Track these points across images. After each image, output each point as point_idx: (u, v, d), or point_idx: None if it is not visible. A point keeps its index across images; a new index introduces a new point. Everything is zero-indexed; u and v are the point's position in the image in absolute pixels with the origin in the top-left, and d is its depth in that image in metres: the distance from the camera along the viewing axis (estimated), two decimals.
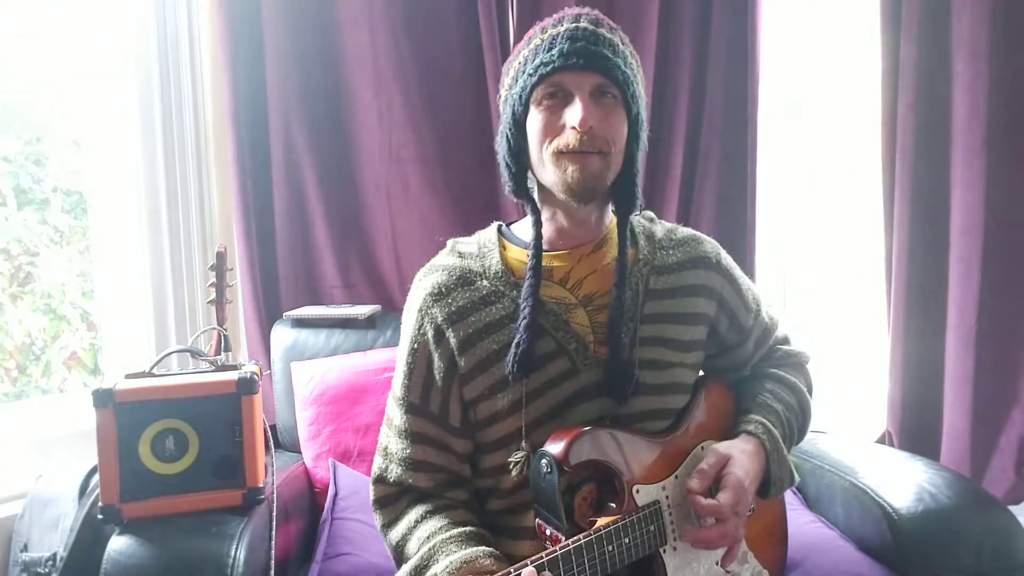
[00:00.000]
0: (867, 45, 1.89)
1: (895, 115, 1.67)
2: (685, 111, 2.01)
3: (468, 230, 1.94)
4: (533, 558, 0.87)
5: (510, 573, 0.85)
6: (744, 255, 2.03)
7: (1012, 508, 1.32)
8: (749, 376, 1.21)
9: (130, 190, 1.83)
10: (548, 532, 0.97)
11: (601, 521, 0.95)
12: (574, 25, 1.01)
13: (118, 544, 1.17)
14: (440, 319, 1.06)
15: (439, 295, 1.07)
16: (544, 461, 0.96)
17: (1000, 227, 1.53)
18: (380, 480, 1.11)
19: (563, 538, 0.93)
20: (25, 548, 1.44)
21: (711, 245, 1.17)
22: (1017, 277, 1.54)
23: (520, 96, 1.02)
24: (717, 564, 1.03)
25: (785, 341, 1.27)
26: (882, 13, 1.68)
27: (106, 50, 1.81)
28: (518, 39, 1.96)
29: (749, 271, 2.03)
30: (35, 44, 1.80)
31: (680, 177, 2.03)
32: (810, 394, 1.21)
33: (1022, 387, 1.55)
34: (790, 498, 1.53)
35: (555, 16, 1.04)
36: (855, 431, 1.93)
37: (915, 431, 1.70)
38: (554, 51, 0.99)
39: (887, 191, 1.72)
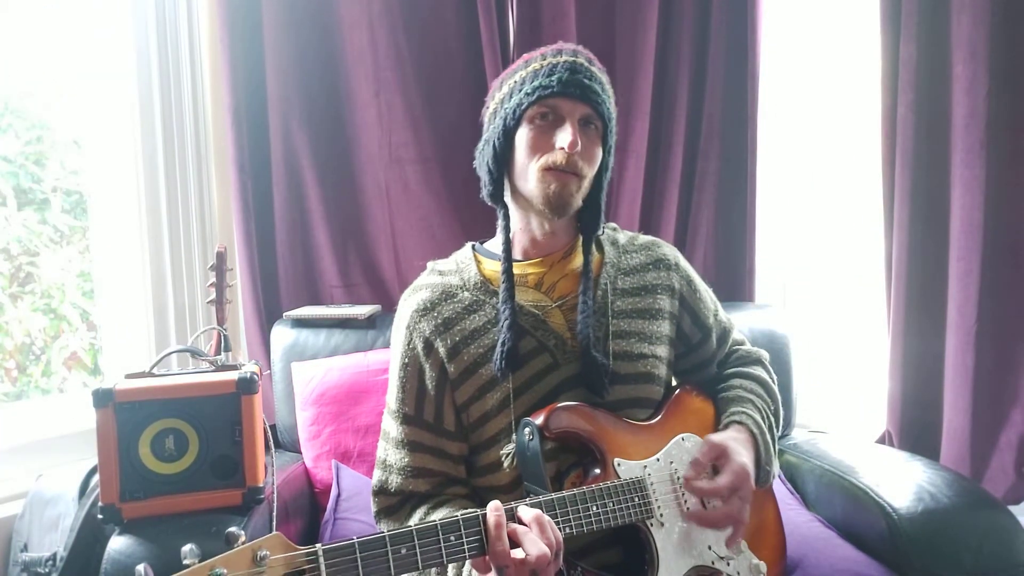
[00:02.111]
0: (867, 45, 1.89)
1: (895, 115, 1.67)
2: (685, 111, 2.01)
3: (467, 230, 1.96)
4: (516, 501, 0.93)
5: (512, 506, 0.92)
6: (744, 255, 2.03)
7: (1012, 508, 1.32)
8: (717, 376, 1.29)
9: (130, 190, 1.83)
10: (539, 498, 1.00)
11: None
12: (573, 59, 1.11)
13: (118, 544, 1.17)
14: (428, 332, 1.14)
15: (425, 310, 1.15)
16: (527, 429, 1.04)
17: (1000, 227, 1.53)
18: (381, 491, 1.16)
19: None
20: (25, 548, 1.44)
21: (670, 249, 1.28)
22: (1017, 277, 1.54)
23: (515, 110, 1.11)
24: (710, 548, 1.05)
25: (742, 342, 1.35)
26: (882, 13, 1.68)
27: (106, 50, 1.81)
28: (518, 39, 1.97)
29: (749, 271, 2.03)
30: (35, 44, 1.80)
31: (680, 177, 2.03)
32: (775, 382, 1.29)
33: (1022, 387, 1.55)
34: (790, 498, 1.53)
35: (553, 47, 1.15)
36: (855, 431, 1.93)
37: (915, 431, 1.70)
38: (554, 78, 1.09)
39: (887, 191, 1.72)
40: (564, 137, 1.07)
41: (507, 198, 1.18)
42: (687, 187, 2.06)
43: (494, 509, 0.89)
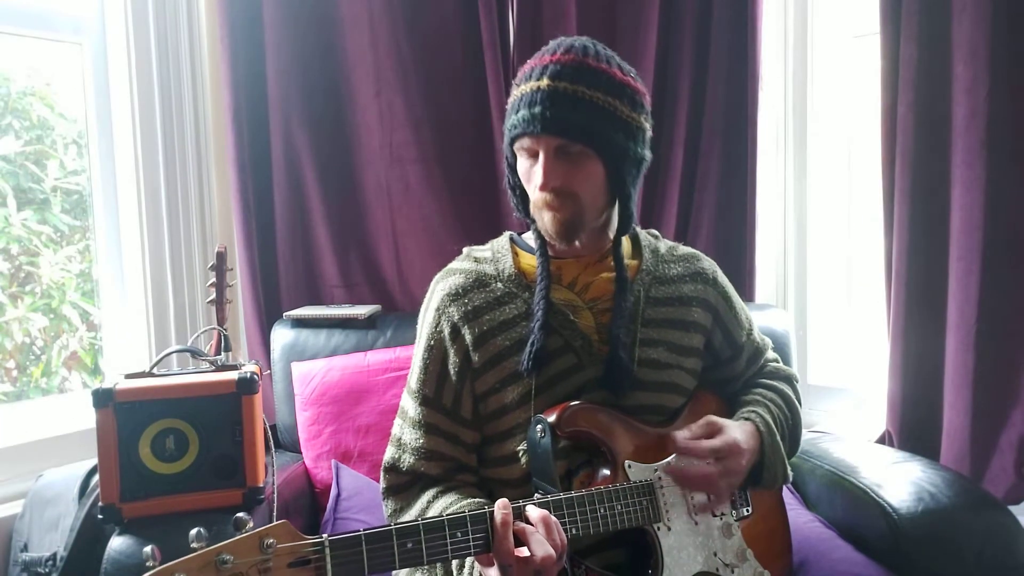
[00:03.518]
0: (867, 44, 1.89)
1: (895, 115, 1.67)
2: (685, 111, 2.01)
3: (468, 229, 1.96)
4: (524, 500, 0.93)
5: (519, 504, 0.92)
6: (744, 255, 2.03)
7: (1012, 508, 1.32)
8: (741, 387, 1.27)
9: (130, 190, 1.83)
10: (547, 497, 1.00)
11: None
12: (536, 84, 1.05)
13: (118, 544, 1.17)
14: (457, 317, 1.13)
15: (456, 295, 1.14)
16: (539, 427, 1.03)
17: (1001, 227, 1.53)
18: (392, 469, 1.15)
19: None
20: (25, 548, 1.44)
21: (709, 263, 1.26)
22: (1017, 277, 1.54)
23: (508, 145, 1.12)
24: (716, 555, 1.05)
25: (775, 361, 1.34)
26: (882, 13, 1.68)
27: (106, 50, 1.81)
28: (518, 39, 1.98)
29: (749, 271, 2.03)
30: (35, 44, 1.80)
31: (680, 177, 2.03)
32: (799, 404, 1.27)
33: (1022, 387, 1.55)
34: (790, 498, 1.53)
35: (531, 62, 1.09)
36: (855, 431, 1.93)
37: (915, 431, 1.70)
38: (519, 115, 1.06)
39: (887, 191, 1.71)
40: (537, 175, 1.06)
41: None
42: (687, 187, 2.05)
43: (502, 507, 0.89)
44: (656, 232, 1.29)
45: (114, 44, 1.81)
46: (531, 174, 1.09)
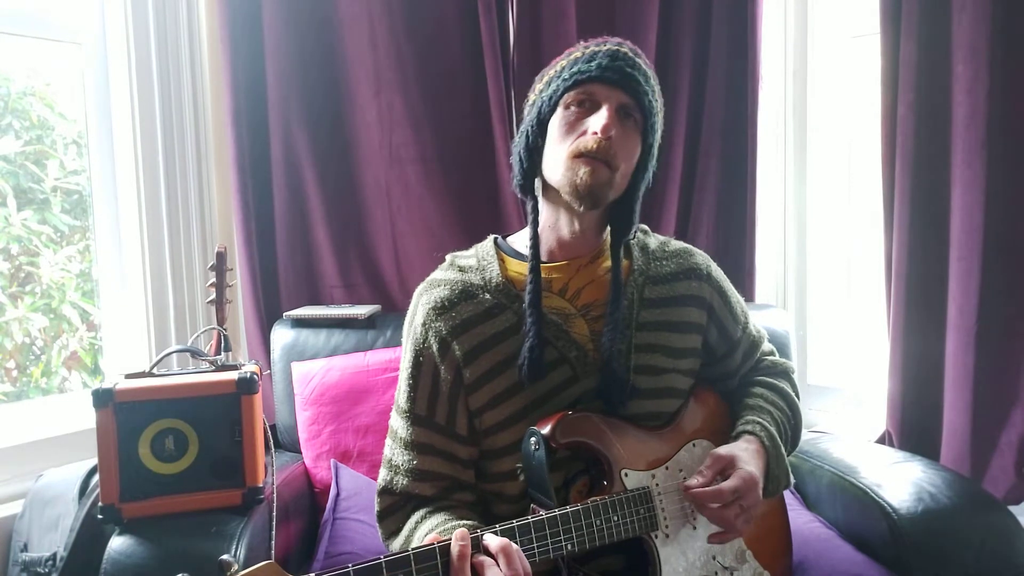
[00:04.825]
0: (867, 44, 1.89)
1: (895, 115, 1.67)
2: (685, 111, 2.01)
3: (468, 230, 1.96)
4: (518, 520, 0.91)
5: (478, 534, 0.88)
6: (744, 255, 2.03)
7: (1012, 508, 1.32)
8: (739, 385, 1.25)
9: (130, 190, 1.83)
10: (541, 514, 0.99)
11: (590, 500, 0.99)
12: (617, 48, 1.08)
13: (118, 544, 1.17)
14: (445, 332, 1.09)
15: (442, 309, 1.10)
16: (533, 439, 1.00)
17: (1001, 227, 1.53)
18: (386, 491, 1.12)
19: None
20: (25, 548, 1.44)
21: (702, 257, 1.21)
22: (1017, 277, 1.54)
23: (551, 97, 1.08)
24: (715, 559, 1.05)
25: (771, 353, 1.31)
26: (882, 13, 1.68)
27: (106, 50, 1.81)
28: (518, 39, 1.97)
29: (749, 271, 2.03)
30: (35, 44, 1.80)
31: (680, 177, 2.03)
32: (798, 398, 1.25)
33: (1022, 387, 1.55)
34: (790, 499, 1.53)
35: (599, 39, 1.11)
36: (855, 431, 1.93)
37: (915, 431, 1.70)
38: (593, 63, 1.05)
39: (887, 191, 1.71)
40: (597, 121, 1.02)
41: (538, 192, 1.13)
42: (687, 187, 2.06)
43: (459, 539, 0.85)
44: (645, 227, 1.25)
45: (114, 44, 1.80)
46: (577, 126, 1.05)
